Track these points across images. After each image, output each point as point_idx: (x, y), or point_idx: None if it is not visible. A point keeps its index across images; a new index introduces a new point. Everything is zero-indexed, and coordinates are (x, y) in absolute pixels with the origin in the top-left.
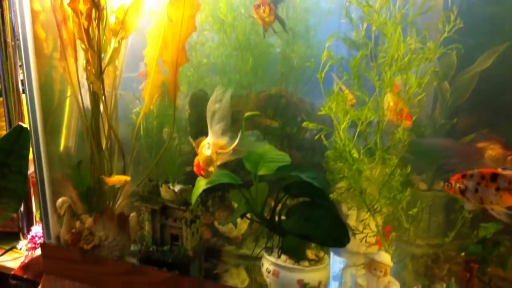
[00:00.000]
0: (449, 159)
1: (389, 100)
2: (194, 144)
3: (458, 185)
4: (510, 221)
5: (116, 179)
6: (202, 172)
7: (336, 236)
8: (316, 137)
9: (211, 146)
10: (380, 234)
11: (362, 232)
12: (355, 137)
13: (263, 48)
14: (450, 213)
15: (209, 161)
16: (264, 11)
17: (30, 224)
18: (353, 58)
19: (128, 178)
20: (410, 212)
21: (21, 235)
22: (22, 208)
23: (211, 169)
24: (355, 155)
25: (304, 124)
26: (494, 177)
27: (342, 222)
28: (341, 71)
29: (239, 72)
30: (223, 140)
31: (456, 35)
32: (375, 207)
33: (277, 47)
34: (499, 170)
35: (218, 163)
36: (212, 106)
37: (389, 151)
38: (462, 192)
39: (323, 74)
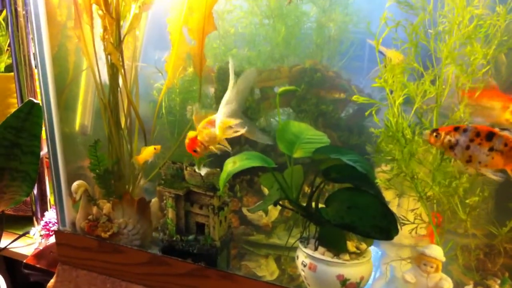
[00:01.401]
0: None
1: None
2: (194, 117)
3: (448, 137)
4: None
5: (146, 153)
6: (198, 149)
7: (384, 227)
8: (367, 113)
9: (219, 123)
10: (433, 225)
11: (412, 223)
12: (411, 115)
13: (296, 17)
14: (502, 200)
15: (213, 138)
16: None
17: (44, 208)
18: (409, 24)
19: (158, 146)
20: (468, 201)
21: (34, 219)
22: (35, 191)
23: (210, 147)
24: (409, 136)
25: (354, 97)
26: (491, 136)
27: (390, 211)
28: (395, 38)
29: (270, 43)
30: (232, 121)
31: None
32: (427, 194)
33: (312, 15)
34: (497, 130)
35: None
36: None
37: None
38: (451, 146)
39: (380, 40)
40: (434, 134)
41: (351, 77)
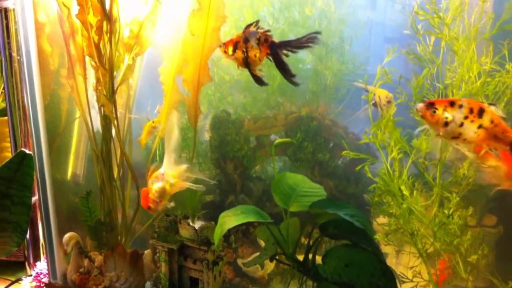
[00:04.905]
0: None
1: None
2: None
3: (445, 114)
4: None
5: (146, 130)
6: (151, 205)
7: (382, 285)
8: (358, 168)
9: (165, 176)
10: (433, 283)
11: (411, 281)
12: (405, 170)
13: (292, 64)
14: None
15: (162, 192)
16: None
17: (36, 253)
18: (415, 77)
19: (155, 119)
20: (470, 259)
21: (27, 264)
22: (28, 236)
23: (163, 201)
24: (406, 192)
25: (344, 153)
26: (481, 112)
27: (389, 268)
28: (399, 91)
29: (266, 90)
30: (179, 169)
31: None
32: (428, 251)
33: (308, 63)
34: (485, 105)
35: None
36: (168, 134)
37: (448, 188)
38: (446, 123)
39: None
40: (433, 110)
41: (348, 124)
